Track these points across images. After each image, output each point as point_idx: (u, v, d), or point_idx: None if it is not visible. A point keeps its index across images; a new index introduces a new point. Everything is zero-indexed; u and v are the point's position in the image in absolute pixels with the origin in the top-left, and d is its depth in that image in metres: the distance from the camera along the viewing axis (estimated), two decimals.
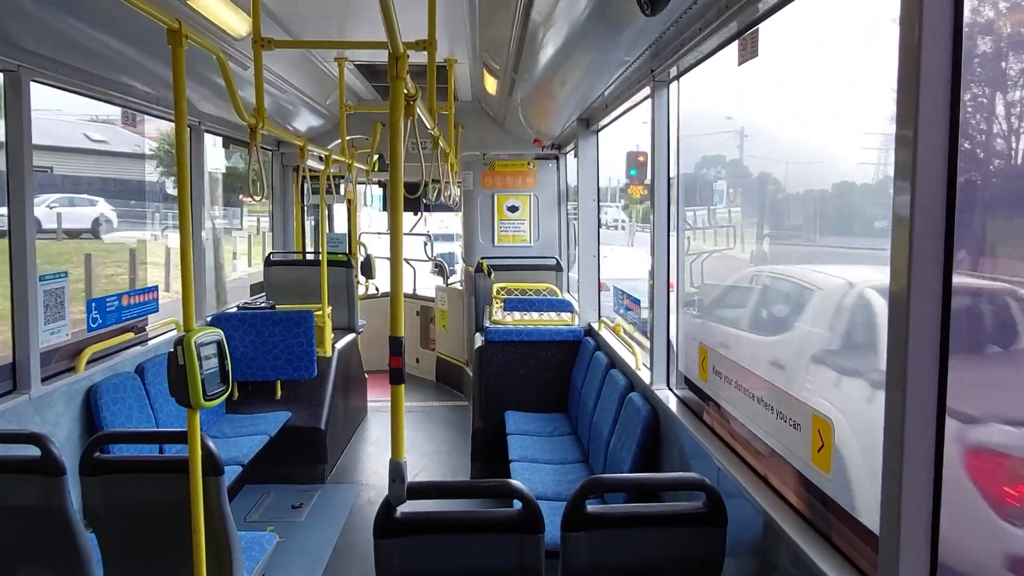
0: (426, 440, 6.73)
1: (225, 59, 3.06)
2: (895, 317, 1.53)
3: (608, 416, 4.21)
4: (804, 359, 2.47)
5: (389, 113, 2.17)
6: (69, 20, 3.30)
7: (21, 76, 3.51)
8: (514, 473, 4.37)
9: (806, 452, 2.16)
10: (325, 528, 4.82)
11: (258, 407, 5.66)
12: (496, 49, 4.70)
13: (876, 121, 2.06)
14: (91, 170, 16.77)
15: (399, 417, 2.17)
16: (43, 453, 2.65)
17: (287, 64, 5.16)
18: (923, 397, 1.51)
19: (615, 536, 2.21)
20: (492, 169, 7.83)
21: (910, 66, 1.47)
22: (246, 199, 22.39)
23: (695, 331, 3.50)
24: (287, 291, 6.85)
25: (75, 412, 3.94)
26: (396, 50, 2.16)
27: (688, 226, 3.82)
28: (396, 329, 2.14)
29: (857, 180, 2.38)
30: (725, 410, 2.93)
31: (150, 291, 5.01)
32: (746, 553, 2.44)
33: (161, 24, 2.32)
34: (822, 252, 2.61)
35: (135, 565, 2.87)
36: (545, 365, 5.74)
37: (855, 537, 1.92)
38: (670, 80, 3.69)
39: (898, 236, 1.51)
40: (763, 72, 2.66)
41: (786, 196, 2.93)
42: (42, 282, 3.75)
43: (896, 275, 1.51)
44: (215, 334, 2.62)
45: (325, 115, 6.87)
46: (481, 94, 6.88)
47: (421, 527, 2.18)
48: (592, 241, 6.06)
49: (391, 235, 2.21)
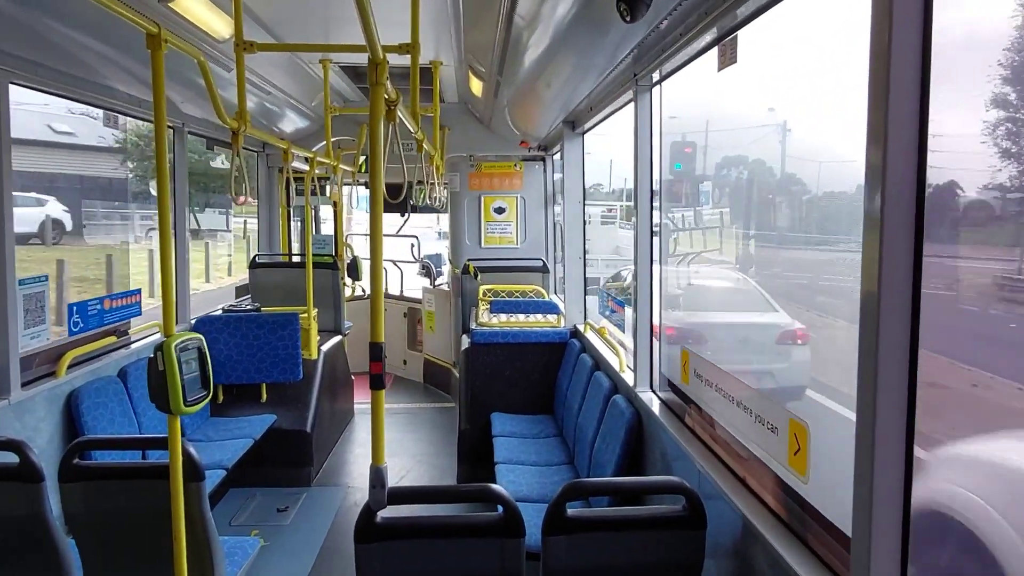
0: (413, 442, 6.72)
1: (206, 63, 3.05)
2: (866, 319, 1.55)
3: (593, 418, 4.23)
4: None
5: (369, 119, 2.17)
6: (49, 22, 3.27)
7: (1, 79, 3.47)
8: (499, 475, 4.38)
9: (783, 455, 2.18)
10: (311, 531, 4.81)
11: (243, 410, 5.64)
12: (481, 51, 4.71)
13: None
14: (55, 166, 15.75)
15: (379, 422, 2.17)
16: (21, 460, 2.62)
17: (272, 66, 5.14)
18: (893, 402, 1.54)
19: (596, 539, 2.23)
20: (479, 171, 7.83)
21: (880, 66, 1.49)
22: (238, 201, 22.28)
23: (678, 335, 3.52)
24: (272, 293, 6.81)
25: (56, 417, 3.91)
26: (376, 56, 2.15)
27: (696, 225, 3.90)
28: (376, 335, 2.13)
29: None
30: (706, 413, 2.95)
31: (132, 294, 4.97)
32: (725, 555, 2.46)
33: (140, 29, 2.31)
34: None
35: (116, 572, 2.86)
36: (531, 367, 5.76)
37: (830, 539, 1.94)
38: (652, 84, 3.72)
39: (868, 238, 1.53)
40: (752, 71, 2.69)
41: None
42: (22, 286, 3.71)
43: (866, 277, 1.54)
44: (195, 339, 2.61)
45: (311, 117, 6.85)
46: (467, 96, 6.89)
47: (402, 532, 2.19)
48: (578, 242, 6.08)
49: (371, 239, 2.20)
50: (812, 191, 2.93)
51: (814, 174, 2.91)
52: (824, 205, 2.84)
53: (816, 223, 3.14)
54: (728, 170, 3.57)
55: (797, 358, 3.83)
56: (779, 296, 3.74)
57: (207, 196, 21.18)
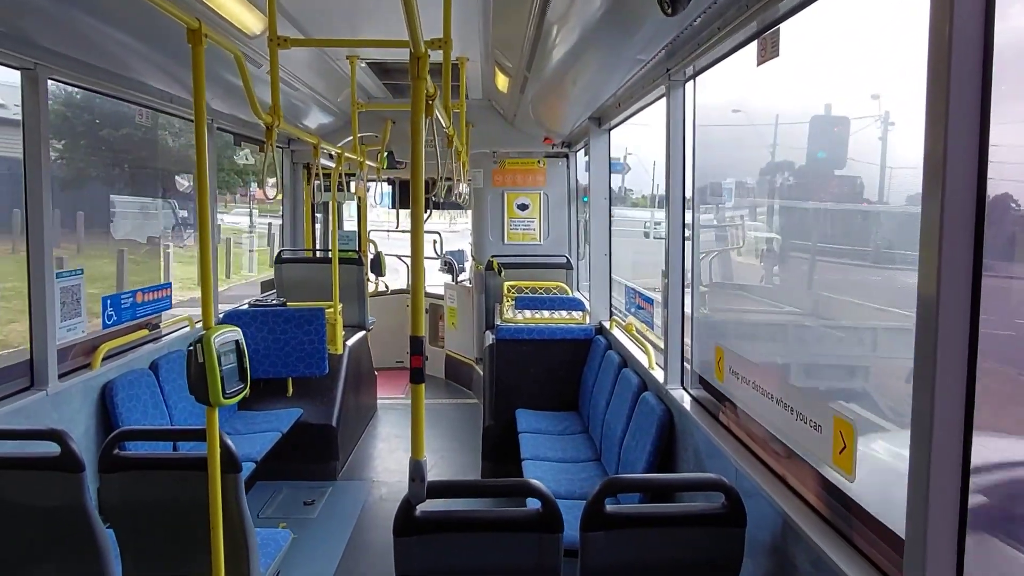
0: (436, 438, 6.74)
1: (243, 58, 3.07)
2: (923, 320, 1.52)
3: (621, 415, 4.21)
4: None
5: (410, 112, 2.16)
6: (86, 18, 3.31)
7: (39, 74, 3.52)
8: (526, 472, 4.37)
9: (827, 454, 2.15)
10: (338, 525, 4.84)
11: (270, 404, 5.69)
12: (509, 47, 4.69)
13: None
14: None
15: (419, 416, 2.17)
16: (63, 450, 2.66)
17: (299, 62, 5.16)
18: (951, 399, 1.51)
19: (634, 536, 2.21)
20: (502, 167, 7.82)
21: (940, 66, 1.46)
22: (259, 196, 22.16)
23: (710, 331, 3.49)
24: (298, 289, 6.87)
25: (91, 408, 3.97)
26: (418, 50, 2.15)
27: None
28: (416, 328, 2.14)
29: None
30: (742, 410, 2.92)
31: (164, 288, 5.03)
32: (765, 553, 2.43)
33: (181, 23, 2.33)
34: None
35: (153, 561, 2.89)
36: (556, 363, 5.74)
37: (877, 539, 1.91)
38: (686, 79, 3.68)
39: (926, 237, 1.50)
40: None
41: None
42: (59, 279, 3.77)
43: (925, 277, 1.51)
44: (234, 332, 2.63)
45: (336, 113, 6.88)
46: (492, 92, 6.88)
47: (440, 526, 2.19)
48: (604, 239, 6.05)
49: (412, 234, 2.19)
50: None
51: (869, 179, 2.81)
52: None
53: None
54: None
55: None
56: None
57: (228, 194, 21.18)
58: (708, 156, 3.64)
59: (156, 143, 15.12)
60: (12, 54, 3.36)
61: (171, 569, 2.90)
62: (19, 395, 3.53)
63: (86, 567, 2.84)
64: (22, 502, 2.74)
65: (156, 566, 2.90)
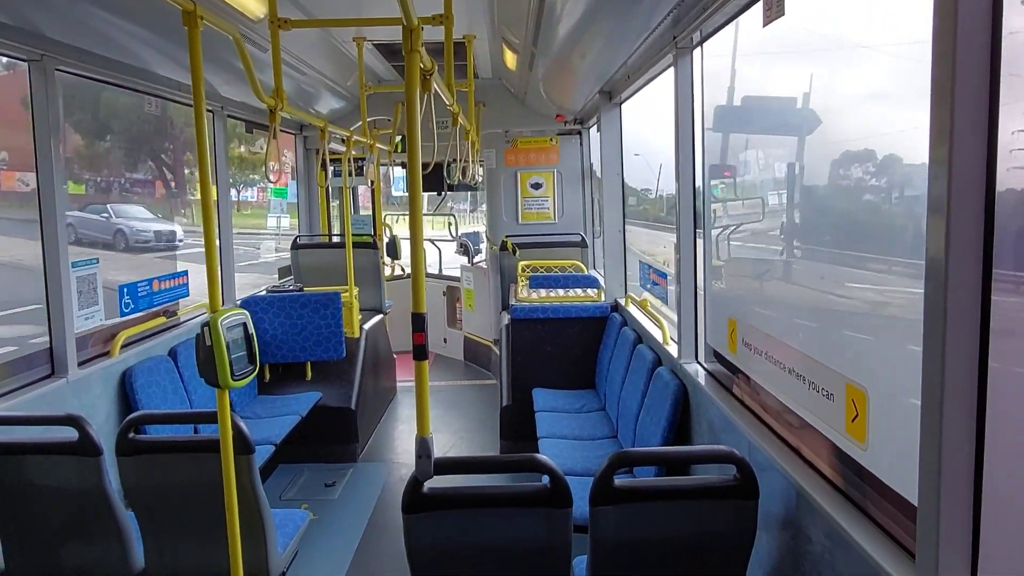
0: (455, 419, 6.77)
1: (242, 40, 3.05)
2: (932, 280, 1.47)
3: (636, 391, 4.18)
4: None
5: (405, 88, 2.14)
6: (90, 7, 3.32)
7: (46, 65, 3.54)
8: (543, 449, 4.37)
9: (839, 422, 2.10)
10: (358, 506, 4.89)
11: (289, 388, 5.75)
12: (514, 23, 4.62)
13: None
14: None
15: (424, 393, 2.16)
16: (81, 435, 2.71)
17: (307, 46, 5.14)
18: (962, 361, 1.45)
19: (645, 509, 2.19)
20: (515, 146, 7.76)
21: (945, 51, 1.39)
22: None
23: (724, 303, 3.43)
24: (314, 273, 6.91)
25: (111, 395, 4.04)
26: (409, 22, 2.12)
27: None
28: (418, 305, 2.13)
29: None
30: (755, 382, 2.88)
31: (180, 276, 5.09)
32: (778, 526, 2.40)
33: (176, 6, 2.32)
34: None
35: (173, 542, 2.95)
36: (572, 342, 5.72)
37: (892, 508, 1.87)
38: (693, 46, 3.59)
39: (934, 200, 1.44)
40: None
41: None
42: (74, 268, 3.82)
43: (933, 234, 1.45)
44: (240, 315, 2.65)
45: (346, 96, 6.86)
46: (501, 70, 6.81)
47: (449, 502, 2.19)
48: (617, 216, 5.98)
49: (411, 213, 2.18)
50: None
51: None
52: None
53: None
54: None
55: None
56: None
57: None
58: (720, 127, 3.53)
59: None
60: (19, 46, 3.38)
61: (191, 550, 2.95)
62: (41, 383, 3.61)
63: (108, 549, 2.91)
64: (45, 485, 2.80)
65: (176, 547, 2.95)
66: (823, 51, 2.43)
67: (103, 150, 12.83)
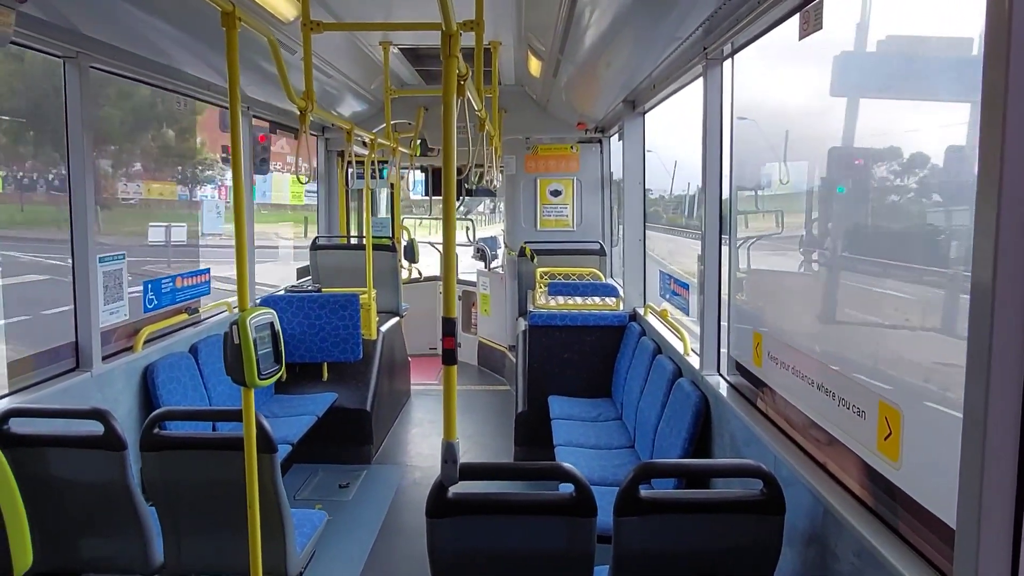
0: (469, 424, 6.77)
1: (276, 42, 3.08)
2: (977, 300, 1.45)
3: (656, 402, 4.16)
4: None
5: (442, 93, 2.15)
6: (125, 6, 3.36)
7: (80, 62, 3.59)
8: (559, 457, 4.35)
9: (871, 440, 2.08)
10: (372, 507, 4.89)
11: (306, 388, 5.77)
12: (541, 30, 4.63)
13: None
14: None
15: (452, 398, 2.16)
16: (106, 429, 2.73)
17: (333, 49, 5.18)
18: (1006, 382, 1.43)
19: (669, 521, 2.18)
20: (535, 153, 7.77)
21: (997, 63, 1.37)
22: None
23: (748, 316, 3.40)
24: (333, 274, 6.94)
25: (134, 389, 4.07)
26: (449, 27, 2.13)
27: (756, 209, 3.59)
28: (449, 310, 2.13)
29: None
30: (781, 396, 2.85)
31: (202, 274, 5.13)
32: (805, 542, 2.37)
33: (215, 7, 2.34)
34: None
35: (192, 538, 2.96)
36: (589, 350, 5.70)
37: (927, 530, 1.84)
38: (724, 57, 3.58)
39: (982, 218, 1.42)
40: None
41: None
42: (101, 263, 3.86)
43: (980, 260, 1.43)
44: (268, 314, 2.66)
45: (369, 100, 6.90)
46: (525, 77, 6.82)
47: (473, 508, 2.18)
48: (638, 225, 5.97)
49: (444, 217, 2.20)
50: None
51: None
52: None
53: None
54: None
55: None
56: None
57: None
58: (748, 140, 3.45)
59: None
60: (55, 42, 3.43)
61: (210, 546, 2.97)
62: (66, 376, 3.64)
63: (129, 542, 2.92)
64: (69, 478, 2.82)
65: (196, 542, 2.96)
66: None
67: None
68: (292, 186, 7.31)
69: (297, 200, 7.26)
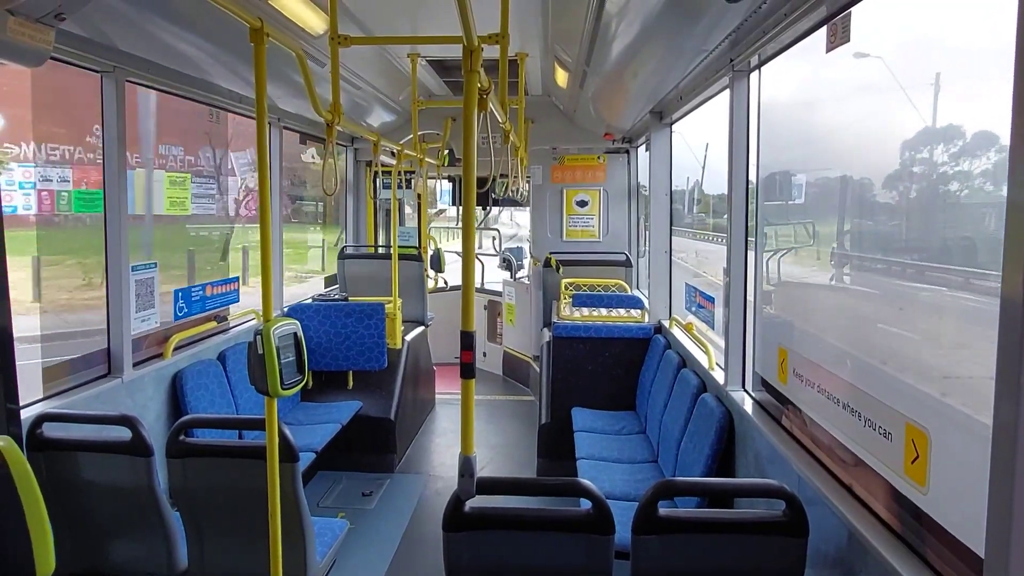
0: (492, 433, 6.76)
1: (304, 56, 3.14)
2: (1007, 320, 1.40)
3: (679, 416, 4.10)
4: None
5: (463, 107, 2.16)
6: (159, 21, 3.45)
7: (117, 76, 3.70)
8: (581, 471, 4.32)
9: (898, 463, 2.02)
10: (394, 517, 4.91)
11: (331, 396, 5.82)
12: (568, 42, 4.64)
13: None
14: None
15: (469, 411, 2.16)
16: (134, 435, 2.79)
17: (362, 61, 5.26)
18: None
19: (689, 541, 2.14)
20: (561, 163, 7.77)
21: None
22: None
23: (774, 331, 3.34)
24: (360, 283, 7.01)
25: (163, 396, 4.16)
26: (470, 43, 2.14)
27: (769, 222, 3.56)
28: (467, 324, 2.13)
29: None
30: (806, 415, 2.79)
31: (231, 282, 5.22)
32: (828, 566, 2.32)
33: (244, 23, 2.39)
34: None
35: (215, 544, 3.00)
36: (614, 362, 5.66)
37: (955, 558, 1.78)
38: (750, 70, 3.54)
39: (1013, 232, 1.38)
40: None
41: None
42: (134, 272, 3.95)
43: (1010, 275, 1.38)
44: (292, 325, 2.69)
45: (397, 111, 6.98)
46: (551, 88, 6.84)
47: (490, 522, 2.17)
48: (664, 237, 5.92)
49: (463, 230, 2.20)
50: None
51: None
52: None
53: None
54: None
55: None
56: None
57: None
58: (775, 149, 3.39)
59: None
60: (94, 58, 3.54)
61: (232, 552, 3.00)
62: (98, 381, 3.73)
63: (154, 547, 2.97)
64: (98, 482, 2.89)
65: (219, 549, 3.00)
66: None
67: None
68: (169, 190, 5.67)
69: (178, 210, 5.40)
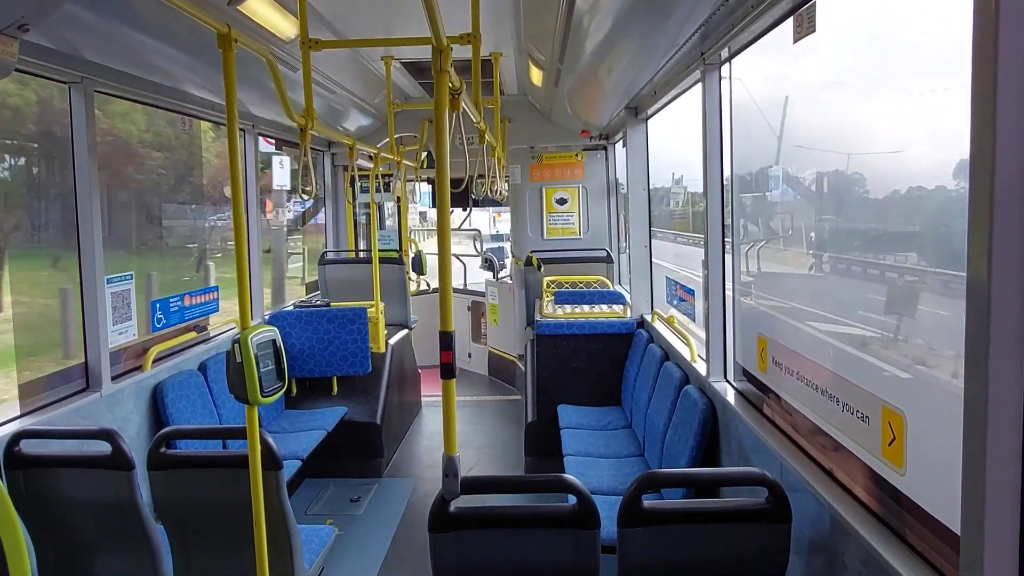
0: (479, 434, 6.75)
1: (274, 61, 3.11)
2: (974, 299, 1.42)
3: (663, 409, 4.13)
4: None
5: (434, 108, 2.16)
6: (126, 30, 3.41)
7: (86, 87, 3.65)
8: (568, 467, 4.33)
9: (876, 446, 2.05)
10: (383, 521, 4.89)
11: (315, 403, 5.79)
12: (541, 40, 4.65)
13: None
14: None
15: (451, 412, 2.16)
16: (114, 449, 2.75)
17: (336, 65, 5.23)
18: (1007, 384, 1.41)
19: (674, 532, 2.16)
20: (540, 162, 7.78)
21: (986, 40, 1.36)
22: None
23: (753, 321, 3.37)
24: (341, 289, 6.97)
25: (143, 409, 4.10)
26: (439, 43, 2.14)
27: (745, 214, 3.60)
28: (446, 324, 2.13)
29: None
30: (786, 402, 2.82)
31: (210, 291, 5.17)
32: (812, 551, 2.34)
33: (211, 29, 2.37)
34: None
35: (201, 556, 2.97)
36: (598, 358, 5.68)
37: (933, 536, 1.81)
38: (721, 62, 3.57)
39: (976, 214, 1.40)
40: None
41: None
42: (109, 284, 3.90)
43: (975, 256, 1.41)
44: (270, 332, 2.67)
45: (374, 114, 6.95)
46: (527, 87, 6.85)
47: (475, 522, 2.17)
48: (644, 231, 5.96)
49: (439, 231, 2.20)
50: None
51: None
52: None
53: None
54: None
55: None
56: None
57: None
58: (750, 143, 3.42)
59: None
60: (61, 69, 3.49)
61: (219, 564, 2.97)
62: (76, 396, 3.68)
63: (139, 561, 2.94)
64: (78, 498, 2.84)
65: (205, 561, 2.97)
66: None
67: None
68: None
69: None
